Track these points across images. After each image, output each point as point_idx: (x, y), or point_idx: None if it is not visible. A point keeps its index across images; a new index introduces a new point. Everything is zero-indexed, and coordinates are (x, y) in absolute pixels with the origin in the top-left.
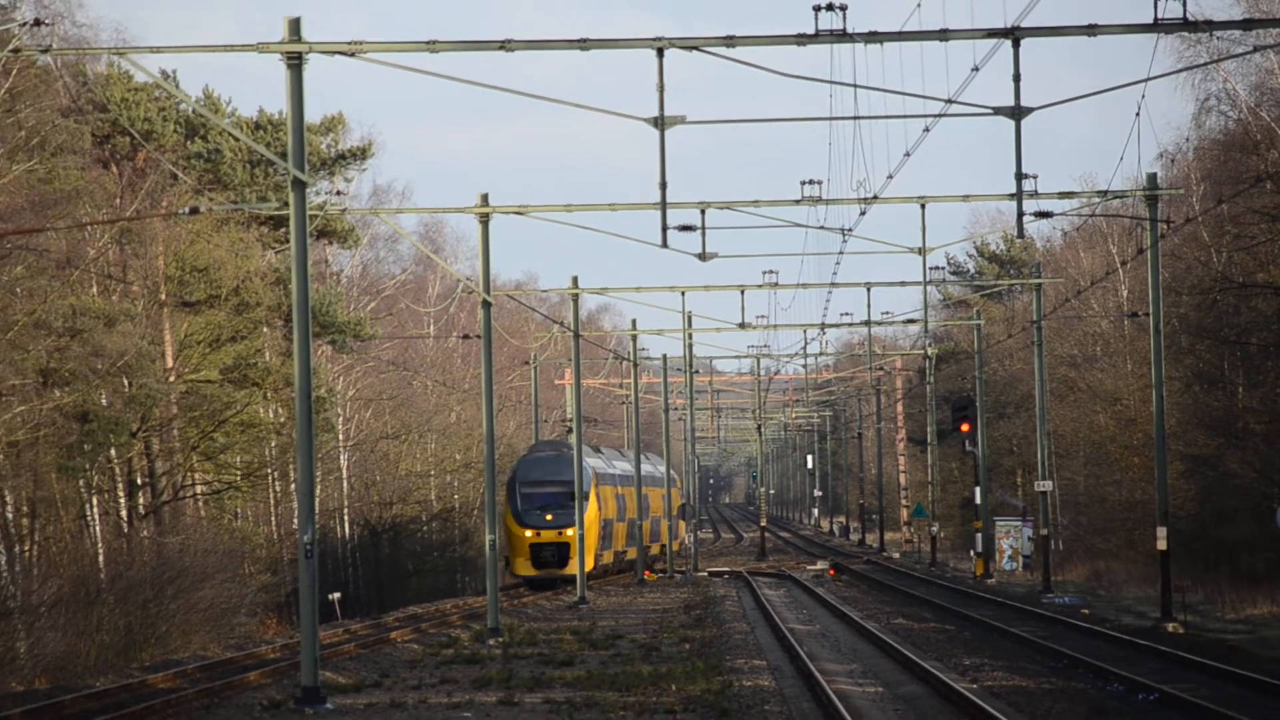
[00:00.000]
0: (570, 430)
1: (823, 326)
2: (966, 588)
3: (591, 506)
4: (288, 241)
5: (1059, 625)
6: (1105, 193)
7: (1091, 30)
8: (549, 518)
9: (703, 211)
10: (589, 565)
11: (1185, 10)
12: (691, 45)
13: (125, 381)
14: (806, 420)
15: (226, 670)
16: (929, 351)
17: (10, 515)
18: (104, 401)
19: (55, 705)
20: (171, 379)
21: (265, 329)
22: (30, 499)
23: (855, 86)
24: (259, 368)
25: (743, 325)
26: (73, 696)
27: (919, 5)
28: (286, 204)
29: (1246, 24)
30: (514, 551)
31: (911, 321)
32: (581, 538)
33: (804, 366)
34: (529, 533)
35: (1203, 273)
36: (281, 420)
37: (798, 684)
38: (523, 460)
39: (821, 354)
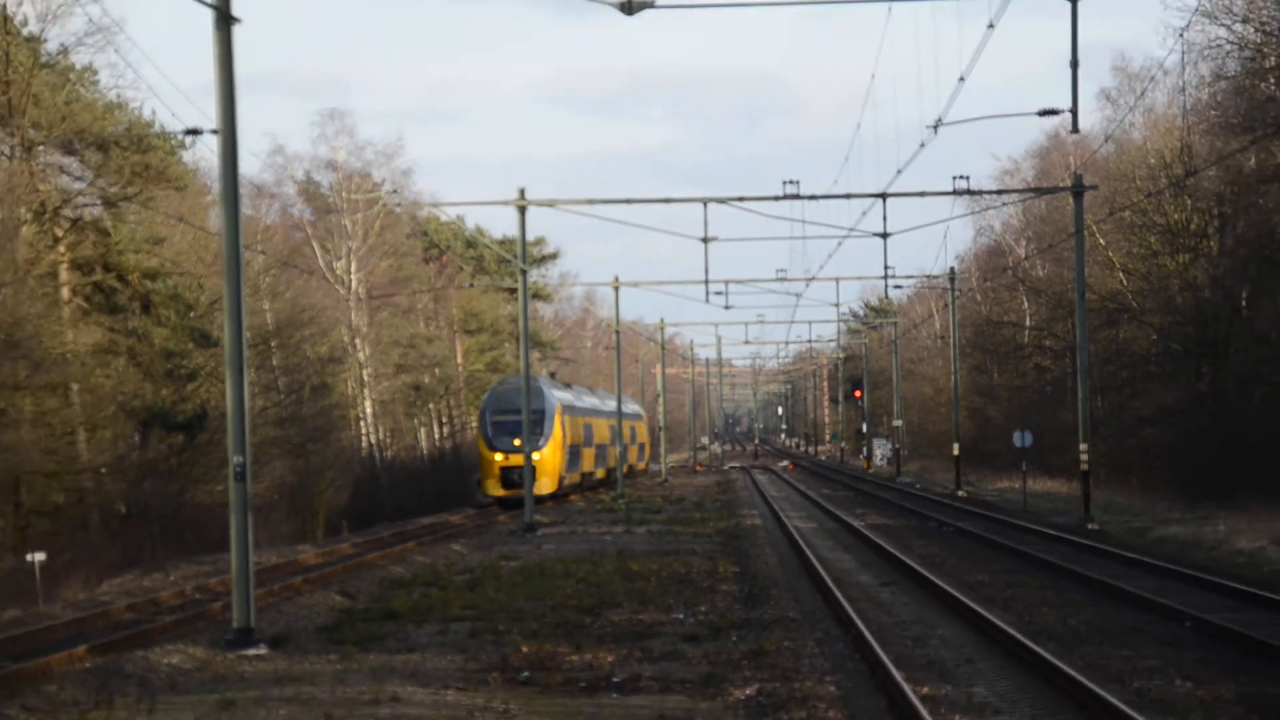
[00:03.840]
0: (553, 374)
1: (787, 343)
2: (858, 475)
3: (556, 433)
4: (518, 300)
5: (904, 493)
6: (930, 276)
7: (922, 194)
8: (517, 442)
9: (726, 284)
10: (553, 487)
11: (969, 184)
12: (722, 200)
13: (436, 370)
14: (779, 389)
15: (488, 514)
16: (840, 356)
17: (381, 436)
18: (426, 380)
19: (403, 532)
20: (460, 369)
21: (506, 344)
22: (390, 429)
23: (804, 222)
24: (503, 364)
25: (747, 342)
26: (412, 527)
27: (835, 181)
28: (518, 282)
29: (998, 192)
30: (485, 474)
31: (832, 341)
32: (654, 442)
33: (777, 363)
34: (499, 456)
35: (976, 316)
36: None
37: (773, 522)
38: (492, 392)
39: (786, 357)
